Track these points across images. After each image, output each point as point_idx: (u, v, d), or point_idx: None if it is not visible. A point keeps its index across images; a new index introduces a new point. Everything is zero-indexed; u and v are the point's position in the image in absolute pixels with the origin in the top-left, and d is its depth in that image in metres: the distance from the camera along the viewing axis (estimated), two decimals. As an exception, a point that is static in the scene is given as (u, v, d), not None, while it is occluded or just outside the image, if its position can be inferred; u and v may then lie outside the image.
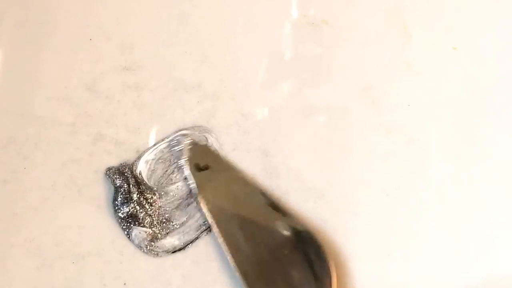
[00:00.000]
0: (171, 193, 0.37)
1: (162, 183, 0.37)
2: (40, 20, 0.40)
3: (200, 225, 0.37)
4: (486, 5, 0.41)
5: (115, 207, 0.37)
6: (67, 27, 0.40)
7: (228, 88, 0.40)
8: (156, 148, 0.38)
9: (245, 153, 0.38)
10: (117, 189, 0.37)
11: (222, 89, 0.39)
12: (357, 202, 0.38)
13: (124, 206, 0.37)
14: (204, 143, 0.37)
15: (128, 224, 0.36)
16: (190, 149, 0.37)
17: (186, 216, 0.37)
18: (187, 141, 0.38)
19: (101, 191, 0.38)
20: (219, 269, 0.36)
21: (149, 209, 0.37)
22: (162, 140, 0.38)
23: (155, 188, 0.37)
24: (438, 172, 0.38)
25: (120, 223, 0.37)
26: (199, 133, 0.38)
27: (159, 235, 0.36)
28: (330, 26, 0.41)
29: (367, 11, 0.41)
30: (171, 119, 0.39)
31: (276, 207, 0.36)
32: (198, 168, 0.37)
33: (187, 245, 0.36)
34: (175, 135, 0.38)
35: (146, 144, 0.38)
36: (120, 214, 0.37)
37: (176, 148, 0.38)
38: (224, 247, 0.35)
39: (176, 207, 0.37)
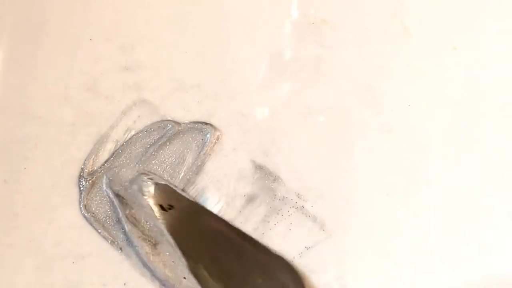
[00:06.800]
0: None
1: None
2: (40, 20, 0.40)
3: None
4: (486, 5, 0.41)
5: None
6: (67, 27, 0.40)
7: (228, 88, 0.40)
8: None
9: (245, 153, 0.38)
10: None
11: (222, 89, 0.39)
12: (357, 202, 0.38)
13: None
14: (164, 182, 0.36)
15: None
16: (154, 188, 0.36)
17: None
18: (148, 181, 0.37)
19: (101, 191, 0.38)
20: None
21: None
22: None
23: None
24: (438, 172, 0.38)
25: None
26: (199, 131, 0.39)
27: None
28: (330, 26, 0.41)
29: (367, 11, 0.41)
30: (171, 119, 0.39)
31: (246, 237, 0.36)
32: (162, 208, 0.36)
33: None
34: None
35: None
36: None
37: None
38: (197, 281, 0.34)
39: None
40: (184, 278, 0.35)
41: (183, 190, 0.37)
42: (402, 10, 0.41)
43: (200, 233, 0.35)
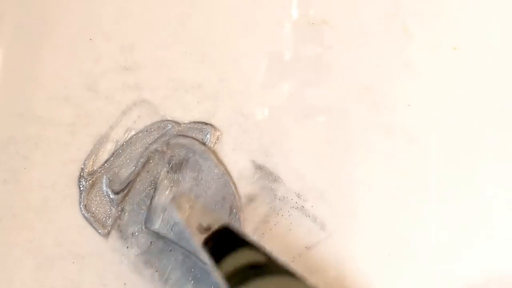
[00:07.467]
0: None
1: None
2: (40, 20, 0.40)
3: None
4: (486, 5, 0.41)
5: None
6: (67, 27, 0.40)
7: (228, 88, 0.40)
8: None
9: (245, 153, 0.38)
10: None
11: (222, 89, 0.39)
12: (357, 202, 0.38)
13: None
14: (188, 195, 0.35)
15: None
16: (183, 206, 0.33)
17: None
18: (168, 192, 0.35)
19: (101, 191, 0.38)
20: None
21: None
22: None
23: None
24: (438, 172, 0.38)
25: None
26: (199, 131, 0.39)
27: None
28: (330, 26, 0.41)
29: (367, 11, 0.41)
30: (171, 119, 0.39)
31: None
32: (201, 229, 0.31)
33: None
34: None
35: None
36: None
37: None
38: None
39: None
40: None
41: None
42: (402, 10, 0.41)
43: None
